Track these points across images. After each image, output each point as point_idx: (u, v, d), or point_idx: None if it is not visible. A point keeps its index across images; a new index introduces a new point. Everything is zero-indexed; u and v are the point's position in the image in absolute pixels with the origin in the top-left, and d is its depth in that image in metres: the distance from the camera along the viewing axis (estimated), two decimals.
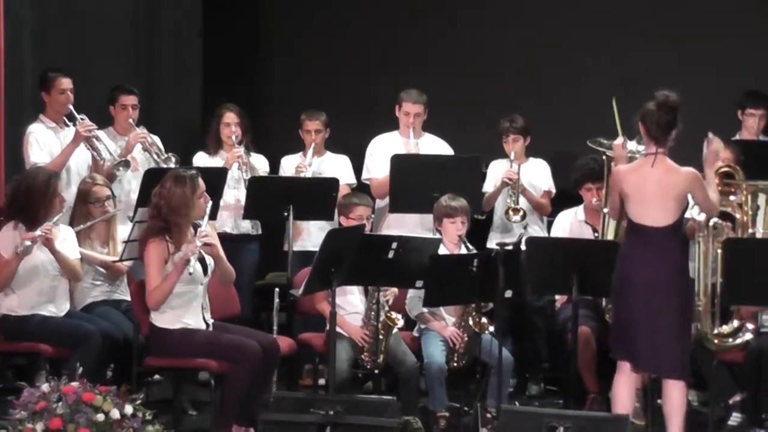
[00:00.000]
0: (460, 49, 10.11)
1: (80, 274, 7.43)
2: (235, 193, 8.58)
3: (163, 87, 9.89)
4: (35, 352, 7.30)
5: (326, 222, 8.31)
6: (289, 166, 8.74)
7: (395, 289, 7.55)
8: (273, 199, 8.17)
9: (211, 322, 7.15)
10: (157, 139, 8.53)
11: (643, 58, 9.67)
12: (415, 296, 7.56)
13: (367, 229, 7.66)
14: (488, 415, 7.24)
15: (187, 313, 7.03)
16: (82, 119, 8.09)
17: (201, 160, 8.69)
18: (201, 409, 7.75)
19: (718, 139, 6.87)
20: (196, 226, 7.01)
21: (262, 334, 7.29)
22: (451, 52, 10.12)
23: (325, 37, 10.43)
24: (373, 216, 8.04)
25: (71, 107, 8.15)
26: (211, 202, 7.14)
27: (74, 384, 6.01)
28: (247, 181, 8.35)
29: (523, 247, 7.34)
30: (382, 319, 7.38)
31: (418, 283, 7.25)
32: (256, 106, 9.59)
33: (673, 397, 6.61)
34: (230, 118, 8.71)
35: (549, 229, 8.49)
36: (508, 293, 7.20)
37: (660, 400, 6.74)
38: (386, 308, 7.43)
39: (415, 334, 7.72)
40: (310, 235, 8.57)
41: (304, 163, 8.57)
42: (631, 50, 9.77)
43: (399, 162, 8.27)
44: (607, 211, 7.27)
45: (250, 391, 6.99)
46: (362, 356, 7.49)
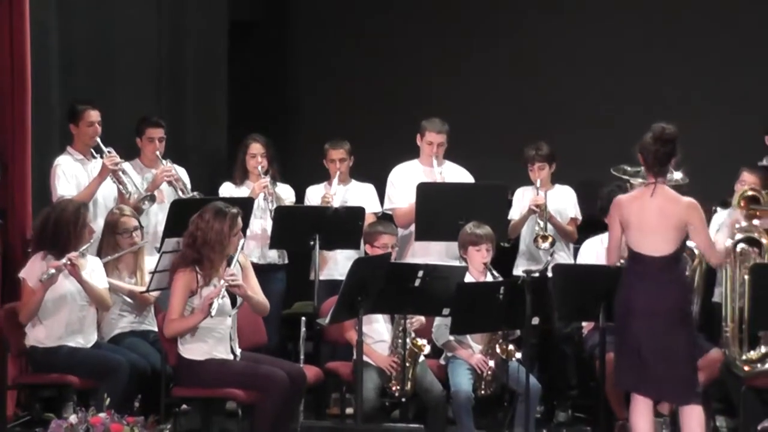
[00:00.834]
0: (483, 78, 10.11)
1: (109, 303, 7.47)
2: (261, 223, 8.61)
3: (189, 118, 9.93)
4: (63, 384, 7.33)
5: (353, 251, 8.32)
6: (315, 195, 8.77)
7: (422, 318, 7.55)
8: (299, 229, 8.19)
9: (238, 352, 7.16)
10: (183, 172, 8.58)
11: (669, 86, 9.66)
12: (441, 324, 7.56)
13: (393, 258, 7.67)
14: None
15: (215, 344, 7.05)
16: (109, 152, 8.14)
17: (227, 190, 8.73)
18: None
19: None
20: (228, 260, 7.03)
21: (289, 364, 7.30)
22: (475, 81, 10.12)
23: (350, 66, 10.46)
24: (398, 245, 8.05)
25: (98, 140, 8.20)
26: (244, 239, 7.17)
27: (102, 415, 6.05)
28: (274, 211, 8.38)
29: (550, 275, 7.33)
30: (408, 347, 7.37)
31: (445, 311, 7.25)
32: (282, 136, 9.61)
33: (690, 424, 6.59)
34: (256, 149, 8.74)
35: (576, 256, 8.48)
36: (535, 320, 7.18)
37: None
38: (412, 335, 7.43)
39: (442, 362, 7.72)
40: (337, 264, 8.58)
41: (330, 193, 8.59)
42: (658, 78, 9.75)
43: (425, 190, 8.28)
44: (605, 248, 7.16)
45: (278, 420, 7.00)
46: (389, 384, 7.49)
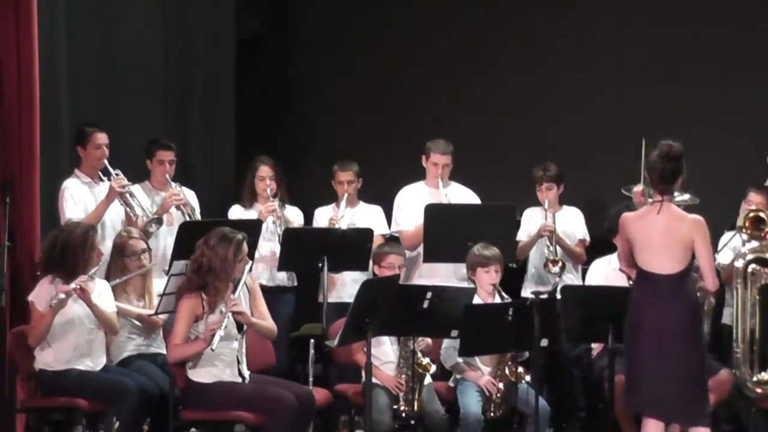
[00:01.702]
0: (490, 98, 10.12)
1: (117, 327, 7.46)
2: (270, 245, 8.60)
3: (197, 140, 9.94)
4: (72, 407, 7.31)
5: (361, 273, 8.32)
6: (323, 217, 8.78)
7: (428, 339, 7.54)
8: (307, 251, 8.19)
9: (247, 374, 7.15)
10: (192, 195, 8.58)
11: (675, 106, 9.66)
12: (450, 346, 7.55)
13: (401, 279, 7.67)
14: None
15: (223, 368, 7.04)
16: (117, 175, 8.14)
17: (236, 212, 8.73)
18: None
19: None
20: (234, 285, 7.03)
21: (297, 386, 7.30)
22: (481, 102, 10.12)
23: (357, 88, 10.47)
24: (405, 265, 8.05)
25: (106, 162, 8.20)
26: (250, 263, 7.16)
27: None
28: (282, 233, 8.37)
29: (559, 296, 7.32)
30: (413, 367, 7.37)
31: (453, 333, 7.24)
32: (290, 157, 9.61)
33: None
34: (265, 171, 8.75)
35: (584, 278, 8.47)
36: (544, 342, 7.18)
37: None
38: (418, 355, 7.42)
39: (451, 384, 7.71)
40: (345, 286, 8.58)
41: (337, 216, 8.59)
42: (663, 98, 9.75)
43: (433, 212, 8.28)
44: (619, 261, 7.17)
45: None
46: (397, 405, 7.47)
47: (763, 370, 7.21)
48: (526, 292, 8.39)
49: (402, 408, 7.46)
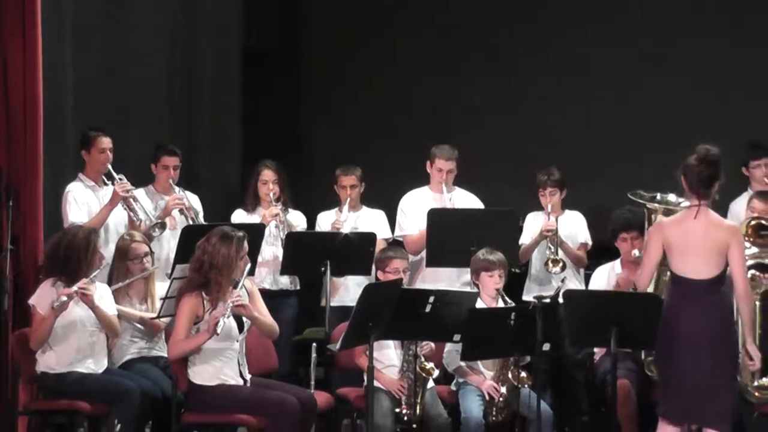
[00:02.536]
0: (494, 104, 10.14)
1: (119, 330, 7.47)
2: (273, 250, 8.62)
3: (201, 144, 9.95)
4: (74, 410, 7.31)
5: (364, 277, 8.32)
6: (325, 222, 8.79)
7: (432, 343, 7.55)
8: (310, 255, 8.20)
9: (248, 377, 7.16)
10: (195, 199, 8.60)
11: (679, 111, 9.67)
12: (452, 350, 7.55)
13: (404, 283, 7.67)
14: None
15: (225, 369, 7.05)
16: (120, 179, 8.16)
17: (239, 217, 8.74)
18: None
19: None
20: (235, 284, 7.04)
21: (299, 390, 7.31)
22: (485, 107, 10.15)
23: (362, 93, 10.49)
24: (408, 270, 8.05)
25: (110, 167, 8.22)
26: (249, 264, 7.17)
27: None
28: (285, 237, 8.38)
29: (561, 300, 7.32)
30: (416, 371, 7.37)
31: (456, 337, 7.24)
32: (294, 161, 9.63)
33: None
34: (268, 175, 8.76)
35: (587, 283, 8.47)
36: (547, 346, 7.17)
37: None
38: (421, 359, 7.42)
39: (453, 388, 7.71)
40: (348, 290, 8.59)
41: (340, 220, 8.60)
42: (667, 103, 9.77)
43: (436, 217, 8.29)
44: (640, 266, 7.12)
45: None
46: (399, 408, 7.47)
47: (765, 375, 7.20)
48: (528, 296, 8.41)
49: (404, 411, 7.46)
